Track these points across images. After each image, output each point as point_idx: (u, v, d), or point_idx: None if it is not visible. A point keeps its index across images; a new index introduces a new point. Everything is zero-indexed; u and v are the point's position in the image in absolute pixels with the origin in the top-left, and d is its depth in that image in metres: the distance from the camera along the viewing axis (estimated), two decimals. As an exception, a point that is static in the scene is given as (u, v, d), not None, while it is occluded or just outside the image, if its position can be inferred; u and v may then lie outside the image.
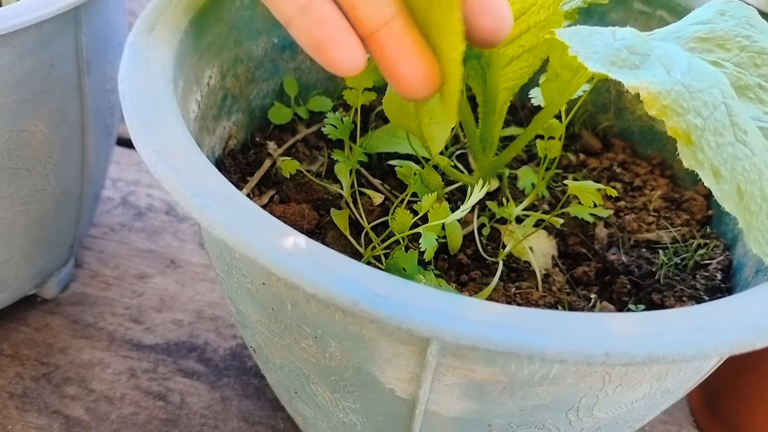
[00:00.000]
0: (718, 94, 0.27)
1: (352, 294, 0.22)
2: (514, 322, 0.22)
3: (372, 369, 0.27)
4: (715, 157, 0.25)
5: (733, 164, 0.26)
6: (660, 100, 0.25)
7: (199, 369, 0.51)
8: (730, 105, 0.27)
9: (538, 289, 0.39)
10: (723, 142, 0.26)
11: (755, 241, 0.26)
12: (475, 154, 0.41)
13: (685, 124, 0.25)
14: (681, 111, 0.25)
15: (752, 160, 0.26)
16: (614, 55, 0.28)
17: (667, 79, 0.26)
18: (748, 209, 0.26)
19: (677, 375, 0.28)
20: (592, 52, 0.28)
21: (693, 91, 0.26)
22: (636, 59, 0.28)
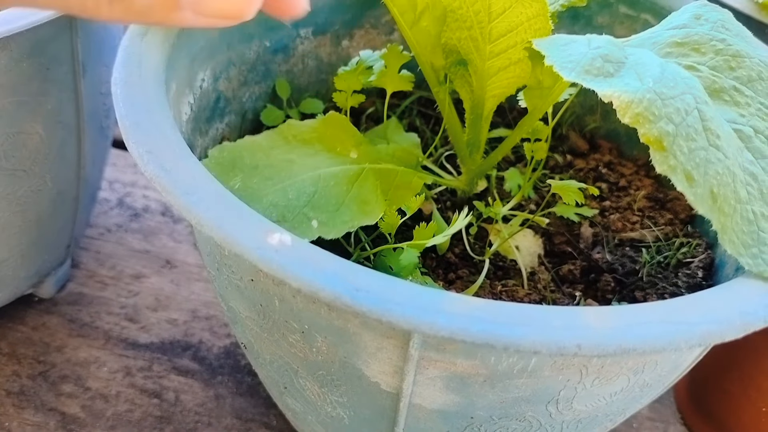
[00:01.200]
0: (690, 100, 0.27)
1: (334, 288, 0.23)
2: (491, 314, 0.23)
3: (357, 363, 0.28)
4: (688, 162, 0.26)
5: (706, 168, 0.26)
6: (632, 108, 0.26)
7: (194, 367, 0.52)
8: (703, 110, 0.28)
9: (524, 287, 0.39)
10: (695, 147, 0.26)
11: (730, 242, 0.27)
12: (463, 157, 0.42)
13: (658, 131, 0.26)
14: (653, 118, 0.26)
15: (725, 163, 0.27)
16: (589, 64, 0.29)
17: (639, 87, 0.27)
18: (722, 211, 0.26)
19: (654, 369, 0.28)
20: (567, 62, 0.29)
21: (665, 98, 0.27)
22: (610, 67, 0.29)
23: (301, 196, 0.33)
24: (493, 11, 0.35)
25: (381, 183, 0.36)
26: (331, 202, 0.33)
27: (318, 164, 0.34)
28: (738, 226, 0.27)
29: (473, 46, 0.38)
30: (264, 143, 0.34)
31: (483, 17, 0.36)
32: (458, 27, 0.37)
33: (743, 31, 0.33)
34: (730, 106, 0.30)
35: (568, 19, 0.49)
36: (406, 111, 0.51)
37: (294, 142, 0.35)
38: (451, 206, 0.44)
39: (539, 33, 0.35)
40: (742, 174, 0.28)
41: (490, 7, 0.34)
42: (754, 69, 0.32)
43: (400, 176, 0.37)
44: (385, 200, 0.35)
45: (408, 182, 0.37)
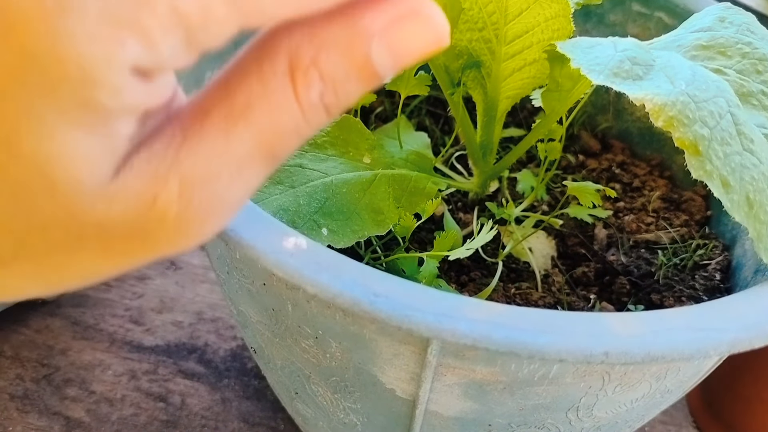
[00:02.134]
0: (723, 103, 0.27)
1: (353, 294, 0.22)
2: (514, 321, 0.22)
3: (372, 369, 0.27)
4: (724, 167, 0.25)
5: (742, 174, 0.26)
6: (666, 111, 0.25)
7: (200, 370, 0.51)
8: (736, 114, 0.27)
9: (538, 290, 0.39)
10: (730, 151, 0.26)
11: (765, 250, 0.26)
12: (476, 159, 0.42)
13: (693, 135, 0.25)
14: (687, 122, 0.25)
15: (760, 168, 0.26)
16: (617, 67, 0.28)
17: (671, 90, 0.26)
18: (758, 218, 0.26)
19: (676, 375, 0.28)
20: (594, 64, 0.28)
21: (698, 101, 0.26)
22: (639, 70, 0.28)
23: (312, 202, 0.32)
24: (510, 12, 0.34)
25: (393, 190, 0.35)
26: (343, 210, 0.33)
27: (329, 169, 0.34)
28: (774, 235, 0.26)
29: (486, 47, 0.37)
30: None
31: (498, 18, 0.35)
32: (468, 28, 0.36)
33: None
34: (758, 110, 0.30)
35: (580, 17, 0.49)
36: (415, 110, 0.50)
37: (306, 146, 0.34)
38: (462, 207, 0.44)
39: (558, 33, 0.34)
40: None
41: (507, 8, 0.34)
42: (780, 72, 0.31)
43: (414, 181, 0.37)
44: (398, 207, 0.35)
45: (422, 188, 0.37)
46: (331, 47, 0.17)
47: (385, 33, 0.18)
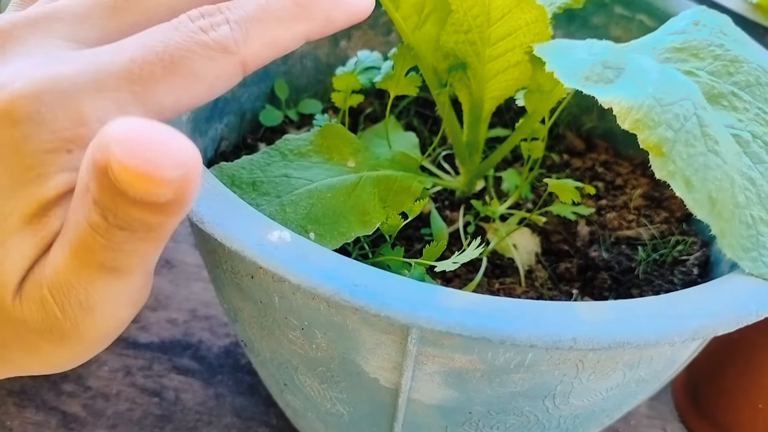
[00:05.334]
0: (689, 106, 0.28)
1: (333, 284, 0.23)
2: (487, 309, 0.23)
3: (356, 359, 0.28)
4: (687, 168, 0.26)
5: (705, 174, 0.27)
6: (632, 114, 0.26)
7: (194, 366, 0.52)
8: (702, 116, 0.28)
9: (522, 285, 0.40)
10: (694, 152, 0.27)
11: (729, 246, 0.27)
12: (462, 158, 0.43)
13: (657, 137, 0.26)
14: (652, 124, 0.26)
15: (723, 168, 0.27)
16: (589, 70, 0.29)
17: (639, 93, 0.27)
18: (720, 216, 0.27)
19: (650, 364, 0.29)
20: (568, 68, 0.29)
21: (664, 104, 0.27)
22: (610, 73, 0.29)
23: (299, 209, 0.33)
24: (492, 16, 0.35)
25: (379, 190, 0.36)
26: (329, 214, 0.34)
27: (314, 176, 0.35)
28: (737, 230, 0.27)
29: (471, 49, 0.38)
30: (261, 160, 0.34)
31: (482, 21, 0.36)
32: (455, 31, 0.38)
33: (742, 36, 0.34)
34: (728, 111, 0.31)
35: (564, 19, 0.50)
36: (404, 111, 0.51)
37: (291, 156, 0.35)
38: (449, 205, 0.45)
39: (538, 37, 0.35)
40: (740, 179, 0.28)
41: (489, 12, 0.35)
42: (752, 74, 0.32)
43: (399, 182, 0.37)
44: (384, 207, 0.36)
45: (407, 187, 0.38)
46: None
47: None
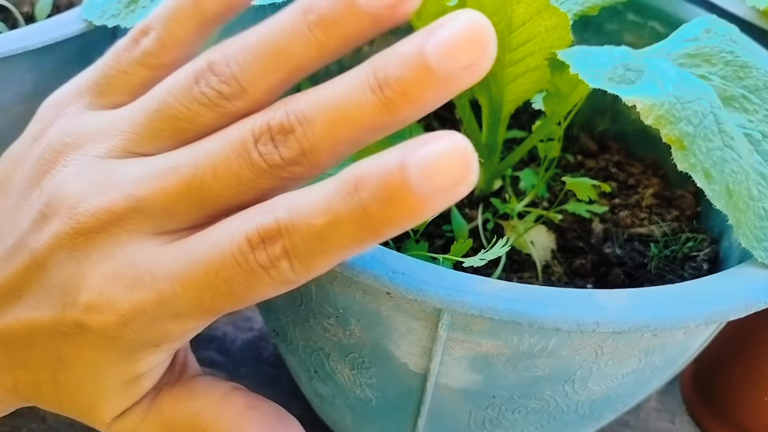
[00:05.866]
0: (706, 105, 0.30)
1: (374, 271, 0.25)
2: (516, 295, 0.25)
3: (388, 344, 0.30)
4: (706, 161, 0.28)
5: (722, 167, 0.28)
6: (654, 111, 0.28)
7: (218, 359, 0.54)
8: (718, 114, 0.30)
9: (539, 279, 0.42)
10: (712, 146, 0.29)
11: (744, 236, 0.29)
12: (481, 158, 0.45)
13: (678, 132, 0.28)
14: (674, 120, 0.28)
15: (739, 162, 0.29)
16: (612, 72, 0.31)
17: (660, 92, 0.29)
18: (737, 207, 0.29)
19: (663, 351, 0.31)
20: (591, 70, 0.31)
21: (684, 101, 0.29)
22: (632, 75, 0.31)
23: None
24: (514, 23, 0.37)
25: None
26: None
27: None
28: (751, 221, 0.29)
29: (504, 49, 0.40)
30: None
31: (503, 28, 0.38)
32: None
33: (750, 43, 0.36)
34: (740, 112, 0.33)
35: (579, 26, 0.51)
36: (424, 113, 0.53)
37: None
38: (468, 203, 0.47)
39: (558, 42, 0.37)
40: (753, 174, 0.30)
41: (511, 20, 0.37)
42: (760, 79, 0.34)
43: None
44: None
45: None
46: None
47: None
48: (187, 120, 0.23)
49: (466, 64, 0.20)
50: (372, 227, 0.20)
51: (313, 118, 0.21)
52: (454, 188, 0.20)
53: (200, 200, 0.22)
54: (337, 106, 0.21)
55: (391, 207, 0.20)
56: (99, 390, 0.24)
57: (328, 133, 0.21)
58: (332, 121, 0.21)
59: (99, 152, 0.23)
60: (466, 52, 0.20)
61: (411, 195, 0.20)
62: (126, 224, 0.22)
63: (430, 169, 0.20)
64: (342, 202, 0.20)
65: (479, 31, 0.21)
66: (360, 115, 0.21)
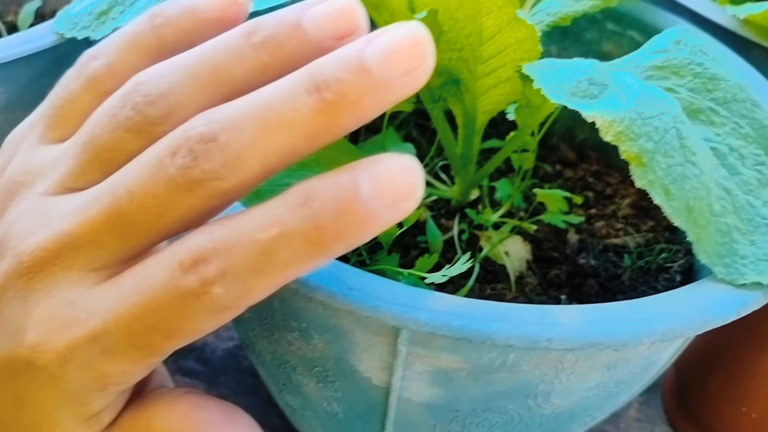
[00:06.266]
0: (668, 119, 0.29)
1: (329, 287, 0.25)
2: (470, 311, 0.25)
3: (351, 359, 0.30)
4: (666, 177, 0.28)
5: (683, 183, 0.28)
6: (614, 127, 0.28)
7: (198, 368, 0.54)
8: (680, 129, 0.30)
9: (512, 290, 0.42)
10: (673, 162, 0.28)
11: (704, 253, 0.29)
12: (457, 169, 0.45)
13: (637, 148, 0.28)
14: (633, 136, 0.28)
15: (700, 178, 0.29)
16: (575, 87, 0.31)
17: (621, 108, 0.29)
18: (696, 223, 0.28)
19: (627, 365, 0.31)
20: (554, 85, 0.31)
21: (645, 117, 0.29)
22: (595, 89, 0.31)
23: None
24: (485, 35, 0.37)
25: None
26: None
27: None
28: (712, 237, 0.29)
29: (464, 66, 0.40)
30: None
31: (474, 40, 0.38)
32: (448, 48, 0.39)
33: (720, 55, 0.36)
34: (706, 125, 0.33)
35: (558, 35, 0.52)
36: (404, 122, 0.53)
37: (294, 166, 0.36)
38: (445, 214, 0.47)
39: (528, 54, 0.37)
40: (716, 189, 0.30)
41: (482, 31, 0.36)
42: (729, 91, 0.34)
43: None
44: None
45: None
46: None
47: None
48: (112, 149, 0.22)
49: (405, 71, 0.20)
50: (321, 242, 0.19)
51: (241, 124, 0.20)
52: (401, 203, 0.20)
53: (121, 229, 0.21)
54: (270, 110, 0.20)
55: (343, 219, 0.19)
56: (58, 430, 0.24)
57: (258, 139, 0.20)
58: (264, 125, 0.20)
59: (42, 190, 0.23)
60: (405, 58, 0.20)
61: (362, 207, 0.19)
62: (60, 261, 0.22)
63: (381, 182, 0.19)
64: (291, 214, 0.20)
65: (419, 39, 0.20)
66: (295, 119, 0.20)
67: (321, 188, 0.20)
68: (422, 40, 0.21)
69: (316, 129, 0.20)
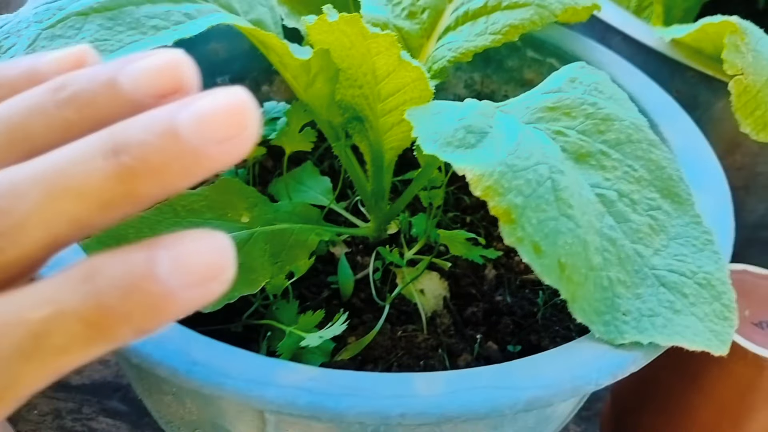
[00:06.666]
0: (544, 170, 0.28)
1: (171, 363, 0.24)
2: (321, 385, 0.24)
3: (225, 424, 0.29)
4: (536, 234, 0.27)
5: (555, 238, 0.27)
6: (483, 181, 0.27)
7: (122, 409, 0.52)
8: (557, 180, 0.28)
9: (424, 332, 0.40)
10: (545, 217, 0.27)
11: (580, 310, 0.27)
12: (369, 205, 0.43)
13: (506, 203, 0.27)
14: (502, 191, 0.27)
15: (575, 232, 0.27)
16: (452, 136, 0.29)
17: (492, 160, 0.27)
18: (570, 280, 0.27)
19: (515, 424, 0.29)
20: (431, 133, 0.29)
21: (517, 170, 0.27)
22: (472, 138, 0.29)
23: None
24: (378, 74, 0.35)
25: (272, 246, 0.36)
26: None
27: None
28: (590, 293, 0.28)
29: (366, 103, 0.39)
30: (152, 217, 0.34)
31: (370, 78, 0.37)
32: (350, 85, 0.38)
33: (617, 93, 0.34)
34: (596, 170, 0.31)
35: (481, 62, 0.51)
36: (327, 152, 0.52)
37: (183, 213, 0.35)
38: (363, 249, 0.45)
39: (422, 94, 0.35)
40: (598, 240, 0.29)
41: (375, 70, 0.35)
42: (623, 132, 0.33)
43: (295, 235, 0.38)
44: (276, 263, 0.36)
45: (303, 241, 0.38)
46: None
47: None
48: None
49: (222, 138, 0.18)
50: (105, 324, 0.17)
51: (25, 189, 0.17)
52: (208, 284, 0.17)
53: None
54: (59, 174, 0.17)
55: (131, 299, 0.17)
56: None
57: (43, 207, 0.17)
58: (50, 191, 0.17)
59: None
60: (223, 125, 0.18)
61: (156, 286, 0.17)
62: None
63: (184, 260, 0.17)
64: (71, 290, 0.17)
65: (240, 106, 0.18)
66: (86, 185, 0.17)
67: (110, 263, 0.17)
68: (243, 108, 0.19)
69: (111, 197, 0.18)
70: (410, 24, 0.42)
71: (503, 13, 0.39)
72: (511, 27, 0.39)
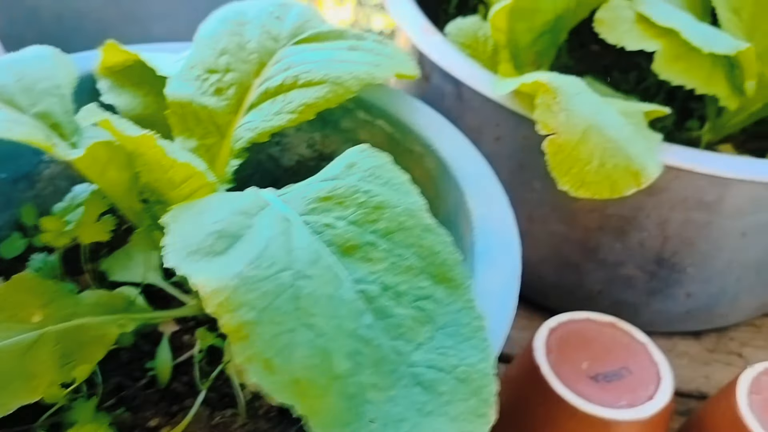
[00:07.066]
0: (287, 278, 0.27)
1: None
2: None
3: None
4: (268, 350, 0.25)
5: (291, 352, 0.26)
6: (216, 297, 0.26)
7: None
8: (300, 286, 0.27)
9: (242, 416, 0.39)
10: (280, 330, 0.26)
11: (321, 424, 0.26)
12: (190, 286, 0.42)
13: (237, 320, 0.25)
14: (233, 307, 0.26)
15: (315, 342, 0.26)
16: (201, 243, 0.28)
17: (228, 272, 0.26)
18: (307, 395, 0.26)
19: None
20: (179, 241, 0.28)
21: (253, 281, 0.26)
22: (222, 244, 0.28)
23: None
24: (159, 169, 0.35)
25: (64, 345, 0.35)
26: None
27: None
28: (333, 405, 0.26)
29: (168, 187, 0.38)
30: None
31: (165, 162, 0.36)
32: (149, 170, 0.37)
33: (395, 177, 0.33)
34: (362, 263, 0.30)
35: (320, 123, 0.50)
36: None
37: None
38: (195, 325, 0.44)
39: (205, 186, 0.35)
40: (351, 343, 0.27)
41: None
42: (395, 220, 0.32)
43: (92, 330, 0.37)
44: (66, 364, 0.35)
45: (101, 336, 0.37)
46: None
47: None
48: None
49: None
50: None
51: None
52: None
53: None
54: None
55: None
56: None
57: None
58: None
59: None
60: None
61: None
62: None
63: None
64: None
65: None
66: None
67: None
68: None
69: None
70: (217, 101, 0.41)
71: (299, 92, 0.39)
72: (306, 106, 0.38)
